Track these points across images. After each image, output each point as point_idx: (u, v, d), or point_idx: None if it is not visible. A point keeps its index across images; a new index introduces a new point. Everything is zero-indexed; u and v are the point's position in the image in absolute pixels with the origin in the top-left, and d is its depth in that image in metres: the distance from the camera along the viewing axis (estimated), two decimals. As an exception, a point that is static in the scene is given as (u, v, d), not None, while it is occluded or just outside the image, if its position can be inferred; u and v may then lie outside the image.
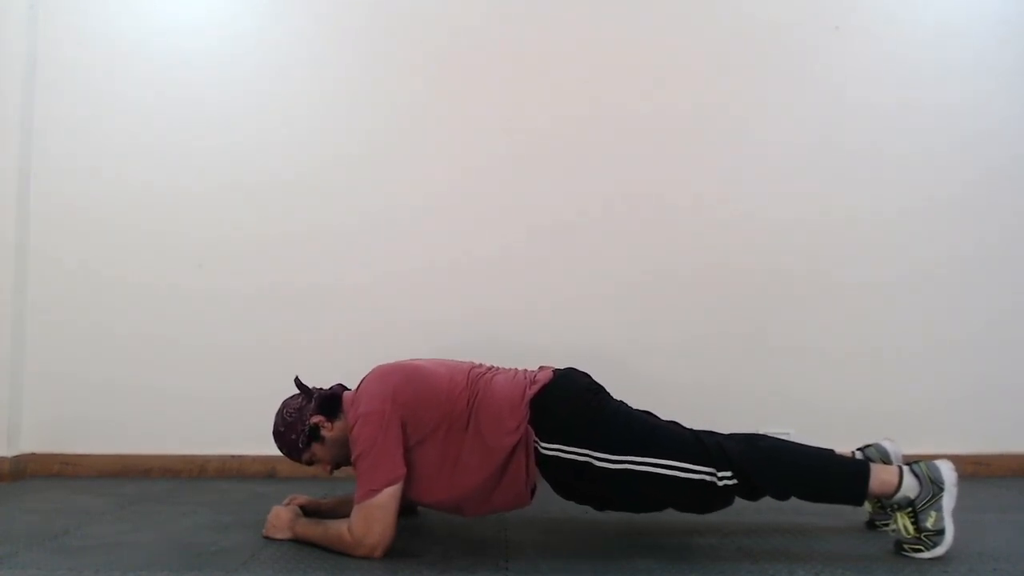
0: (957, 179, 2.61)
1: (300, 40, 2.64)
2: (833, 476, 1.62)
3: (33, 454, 2.57)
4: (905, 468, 1.61)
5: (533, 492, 1.70)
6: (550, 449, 1.62)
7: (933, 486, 1.58)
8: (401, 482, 1.59)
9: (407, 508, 1.74)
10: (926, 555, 1.58)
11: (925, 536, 1.57)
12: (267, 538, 1.76)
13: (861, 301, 2.58)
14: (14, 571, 1.54)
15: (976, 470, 2.50)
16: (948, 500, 1.57)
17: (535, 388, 1.67)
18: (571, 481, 1.65)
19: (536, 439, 1.63)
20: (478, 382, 1.71)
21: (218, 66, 2.63)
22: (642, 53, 2.63)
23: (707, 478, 1.57)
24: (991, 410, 2.56)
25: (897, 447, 1.84)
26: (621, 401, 1.73)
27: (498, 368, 1.82)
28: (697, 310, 2.57)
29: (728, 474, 1.57)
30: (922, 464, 1.61)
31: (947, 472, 1.59)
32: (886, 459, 1.81)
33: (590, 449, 1.60)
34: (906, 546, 1.60)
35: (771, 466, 1.59)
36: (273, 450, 1.80)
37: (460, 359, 1.86)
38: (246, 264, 2.59)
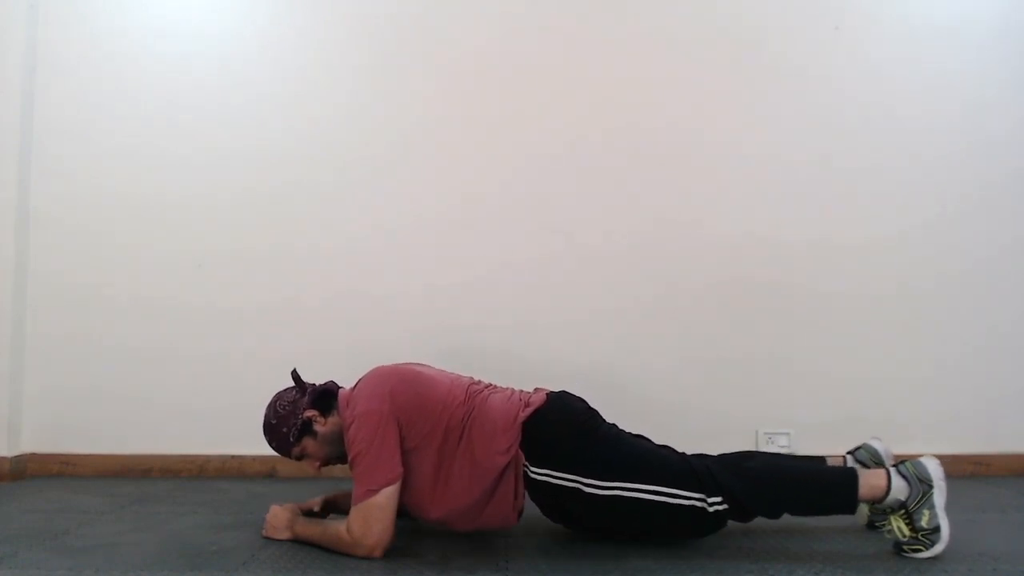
0: (955, 188, 2.59)
1: (306, 45, 2.63)
2: (822, 490, 1.62)
3: (33, 454, 2.57)
4: (892, 470, 1.61)
5: (520, 513, 1.70)
6: (540, 474, 1.62)
7: (922, 484, 1.57)
8: (399, 482, 1.59)
9: (405, 508, 1.73)
10: (926, 554, 1.57)
11: (922, 535, 1.57)
12: (267, 538, 1.76)
13: (862, 305, 2.57)
14: (14, 571, 1.54)
15: (976, 470, 2.50)
16: (939, 496, 1.57)
17: (528, 411, 1.66)
18: (560, 506, 1.66)
19: (526, 463, 1.63)
20: (475, 398, 1.70)
21: (221, 71, 2.62)
22: (644, 65, 2.61)
23: (697, 504, 1.57)
24: (991, 410, 2.55)
25: (886, 445, 1.85)
26: (613, 424, 1.73)
27: (495, 386, 1.82)
28: (699, 323, 2.56)
29: (718, 499, 1.57)
30: (908, 464, 1.61)
31: (934, 468, 1.59)
32: (877, 458, 1.82)
33: (579, 475, 1.60)
34: (905, 547, 1.59)
35: (761, 489, 1.59)
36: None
37: (459, 373, 1.86)
38: (246, 269, 2.59)
